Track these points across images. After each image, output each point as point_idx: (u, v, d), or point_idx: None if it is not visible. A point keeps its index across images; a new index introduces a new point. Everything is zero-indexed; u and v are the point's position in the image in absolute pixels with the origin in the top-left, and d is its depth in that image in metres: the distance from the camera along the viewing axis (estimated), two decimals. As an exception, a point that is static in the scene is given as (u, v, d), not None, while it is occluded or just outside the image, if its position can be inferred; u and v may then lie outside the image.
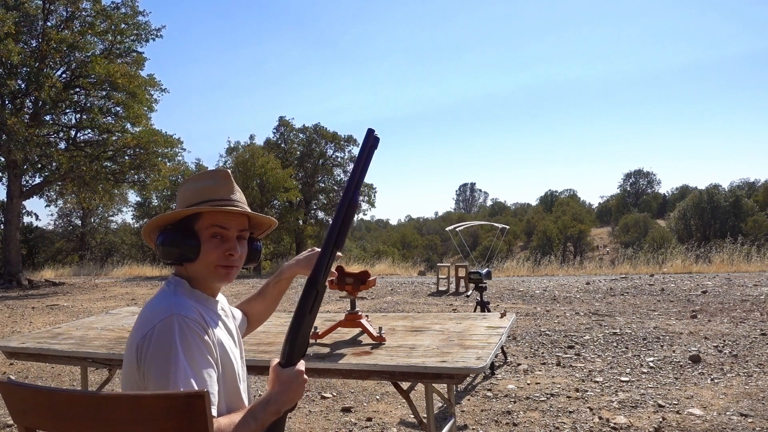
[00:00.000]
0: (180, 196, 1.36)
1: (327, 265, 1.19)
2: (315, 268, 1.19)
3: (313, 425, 3.59)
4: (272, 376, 1.19)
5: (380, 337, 2.26)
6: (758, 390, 3.89)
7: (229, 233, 1.31)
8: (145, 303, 1.33)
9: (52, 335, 2.76)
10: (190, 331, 1.17)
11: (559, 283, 11.49)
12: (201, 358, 1.16)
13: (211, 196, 1.32)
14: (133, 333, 1.23)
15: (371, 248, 36.62)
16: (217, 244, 1.29)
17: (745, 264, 12.93)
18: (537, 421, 3.48)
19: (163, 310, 1.20)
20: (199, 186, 1.34)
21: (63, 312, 9.50)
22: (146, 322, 1.20)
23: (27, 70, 14.73)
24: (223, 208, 1.30)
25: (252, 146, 24.97)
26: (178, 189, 1.39)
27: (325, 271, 1.18)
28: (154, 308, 1.23)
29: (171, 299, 1.24)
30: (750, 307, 7.30)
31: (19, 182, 15.62)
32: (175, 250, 1.28)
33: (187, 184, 1.37)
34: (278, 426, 1.18)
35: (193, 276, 1.32)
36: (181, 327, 1.16)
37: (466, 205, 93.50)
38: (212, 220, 1.29)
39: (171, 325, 1.16)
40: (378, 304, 9.35)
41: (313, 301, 1.18)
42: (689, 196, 45.30)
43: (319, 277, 1.18)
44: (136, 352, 1.17)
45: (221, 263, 1.30)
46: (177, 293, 1.28)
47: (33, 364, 5.31)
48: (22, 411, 1.06)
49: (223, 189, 1.35)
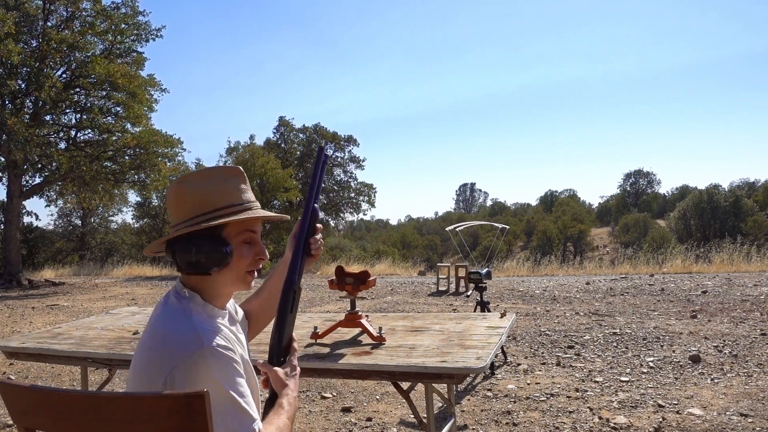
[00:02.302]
0: (192, 198, 1.23)
1: (300, 268, 1.32)
2: (289, 270, 1.30)
3: (313, 425, 3.59)
4: (274, 376, 1.22)
5: (380, 336, 2.26)
6: (758, 390, 3.89)
7: (257, 237, 1.27)
8: (153, 318, 1.23)
9: (52, 335, 2.76)
10: (225, 360, 1.11)
11: (559, 283, 11.49)
12: (241, 382, 1.13)
13: (235, 200, 1.24)
14: (152, 360, 1.13)
15: (371, 248, 36.59)
16: (248, 249, 1.25)
17: (745, 264, 12.93)
18: (537, 421, 3.48)
19: (191, 341, 1.11)
20: (213, 187, 1.24)
21: (63, 312, 9.50)
22: (171, 352, 1.11)
23: (27, 70, 14.73)
24: (262, 214, 1.26)
25: (252, 146, 24.98)
26: (182, 186, 1.24)
27: (299, 274, 1.31)
28: (175, 332, 1.14)
29: (191, 322, 1.16)
30: (750, 307, 7.30)
31: (19, 182, 15.62)
32: (206, 259, 1.19)
33: (195, 183, 1.24)
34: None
35: (210, 286, 1.23)
36: (217, 359, 1.10)
37: (466, 205, 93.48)
38: (243, 226, 1.24)
39: (206, 359, 1.09)
40: (378, 304, 9.35)
41: (292, 302, 1.28)
42: (689, 196, 45.28)
43: (294, 278, 1.29)
44: (165, 385, 1.09)
45: (251, 268, 1.26)
46: (192, 312, 1.19)
47: (33, 364, 5.31)
48: (21, 411, 1.06)
49: (246, 191, 1.29)
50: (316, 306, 9.32)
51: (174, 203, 1.24)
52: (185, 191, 1.24)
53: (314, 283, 13.17)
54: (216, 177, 1.26)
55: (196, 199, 1.23)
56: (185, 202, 1.23)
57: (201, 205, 1.22)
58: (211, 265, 1.19)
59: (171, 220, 1.26)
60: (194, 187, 1.24)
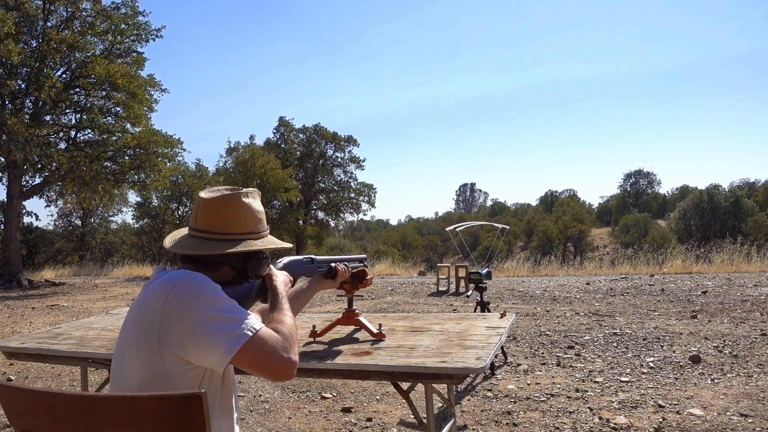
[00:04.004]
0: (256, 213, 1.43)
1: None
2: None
3: (313, 425, 3.59)
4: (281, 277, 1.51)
5: (380, 333, 2.26)
6: (758, 390, 3.89)
7: None
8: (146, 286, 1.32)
9: (52, 335, 2.76)
10: (209, 283, 1.24)
11: (559, 283, 11.49)
12: (230, 301, 1.24)
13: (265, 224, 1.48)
14: (147, 304, 1.23)
15: (371, 248, 36.60)
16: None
17: (745, 264, 12.93)
18: (537, 421, 3.47)
19: (177, 274, 1.25)
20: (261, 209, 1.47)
21: (63, 312, 9.50)
22: (162, 288, 1.22)
23: (27, 70, 14.74)
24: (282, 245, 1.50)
25: (252, 146, 24.99)
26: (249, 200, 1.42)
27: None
28: (165, 277, 1.26)
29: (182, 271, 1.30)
30: (750, 307, 7.29)
31: (19, 182, 15.62)
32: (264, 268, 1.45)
33: (258, 202, 1.46)
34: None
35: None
36: (200, 280, 1.23)
37: (466, 205, 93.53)
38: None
39: (190, 281, 1.22)
40: (378, 304, 9.35)
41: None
42: (689, 196, 45.30)
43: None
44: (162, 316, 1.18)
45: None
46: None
47: (33, 365, 5.30)
48: (18, 413, 1.06)
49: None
50: (315, 306, 9.32)
51: (241, 213, 1.39)
52: (252, 205, 1.42)
53: (314, 283, 13.16)
54: (258, 200, 1.48)
55: (255, 216, 1.42)
56: (252, 215, 1.41)
57: (260, 221, 1.44)
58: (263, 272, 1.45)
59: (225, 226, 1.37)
60: (257, 204, 1.44)
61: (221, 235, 1.35)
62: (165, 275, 1.28)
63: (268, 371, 1.19)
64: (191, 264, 1.34)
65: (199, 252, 1.32)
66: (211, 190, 1.40)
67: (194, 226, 1.38)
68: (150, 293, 1.24)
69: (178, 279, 1.22)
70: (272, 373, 1.20)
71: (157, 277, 1.32)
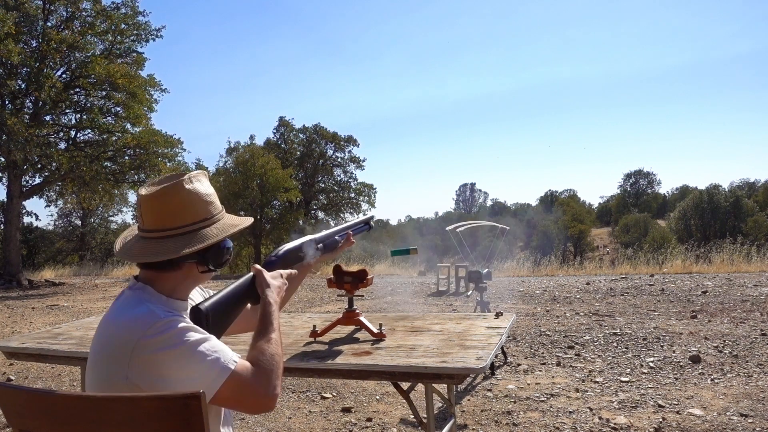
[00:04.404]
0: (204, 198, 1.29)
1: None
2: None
3: (313, 425, 3.59)
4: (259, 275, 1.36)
5: (380, 333, 2.26)
6: (758, 390, 3.89)
7: None
8: (105, 315, 1.25)
9: (52, 335, 2.76)
10: (182, 328, 1.14)
11: (559, 283, 11.49)
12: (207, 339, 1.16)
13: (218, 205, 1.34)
14: (107, 350, 1.16)
15: (371, 248, 36.62)
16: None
17: (745, 264, 12.93)
18: (537, 421, 3.47)
19: (146, 317, 1.14)
20: (212, 189, 1.34)
21: (63, 312, 9.49)
22: (127, 334, 1.13)
23: (27, 70, 14.74)
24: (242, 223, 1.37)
25: (252, 146, 24.98)
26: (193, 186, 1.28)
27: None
28: (130, 317, 1.16)
29: (145, 305, 1.18)
30: (750, 307, 7.29)
31: (19, 182, 15.62)
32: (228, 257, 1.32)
33: (205, 184, 1.31)
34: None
35: (169, 280, 1.26)
36: (174, 328, 1.13)
37: (466, 205, 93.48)
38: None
39: (163, 332, 1.12)
40: (378, 304, 9.35)
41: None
42: (689, 196, 45.30)
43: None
44: (122, 375, 1.10)
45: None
46: (146, 299, 1.21)
47: (33, 365, 5.30)
48: (17, 414, 1.06)
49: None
50: (315, 306, 9.32)
51: (188, 202, 1.26)
52: (202, 191, 1.29)
53: (314, 283, 13.17)
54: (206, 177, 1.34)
55: (204, 201, 1.28)
56: (200, 200, 1.28)
57: (211, 204, 1.30)
58: (227, 261, 1.32)
59: (173, 220, 1.25)
60: (205, 187, 1.31)
61: (172, 231, 1.23)
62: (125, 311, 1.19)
63: (245, 408, 1.15)
64: (149, 268, 1.25)
65: (152, 259, 1.22)
66: (150, 183, 1.28)
67: (142, 226, 1.27)
68: (112, 337, 1.16)
69: (142, 335, 1.11)
70: (249, 409, 1.16)
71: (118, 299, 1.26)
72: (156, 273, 1.25)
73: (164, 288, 1.26)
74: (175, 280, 1.26)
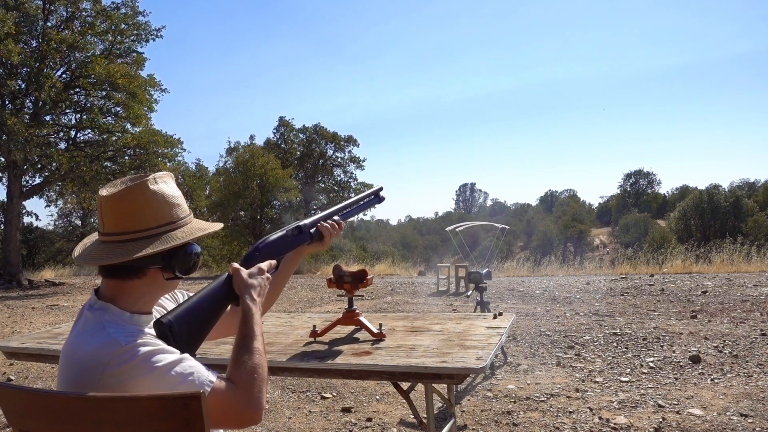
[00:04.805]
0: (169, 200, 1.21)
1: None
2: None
3: (313, 425, 3.59)
4: (236, 275, 1.26)
5: (380, 333, 2.26)
6: (758, 390, 3.89)
7: None
8: (68, 340, 1.17)
9: (52, 335, 2.76)
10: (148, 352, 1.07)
11: (559, 283, 11.49)
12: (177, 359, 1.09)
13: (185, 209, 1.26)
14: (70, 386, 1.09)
15: (371, 248, 36.60)
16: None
17: (745, 264, 12.92)
18: (537, 421, 3.47)
19: (108, 346, 1.06)
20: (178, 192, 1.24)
21: (63, 312, 9.49)
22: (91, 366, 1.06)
23: (27, 70, 14.74)
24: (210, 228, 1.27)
25: (252, 146, 24.99)
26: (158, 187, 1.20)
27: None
28: (92, 345, 1.08)
29: (106, 331, 1.10)
30: (750, 307, 7.29)
31: (19, 182, 15.62)
32: (195, 263, 1.23)
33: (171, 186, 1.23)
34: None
35: (136, 290, 1.18)
36: (140, 356, 1.06)
37: (466, 205, 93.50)
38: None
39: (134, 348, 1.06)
40: (378, 304, 9.35)
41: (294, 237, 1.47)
42: (689, 196, 45.27)
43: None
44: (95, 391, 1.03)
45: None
46: (108, 323, 1.12)
47: (33, 365, 5.30)
48: (17, 414, 1.06)
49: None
50: (315, 306, 9.32)
51: (152, 203, 1.17)
52: (164, 191, 1.20)
53: (314, 283, 13.17)
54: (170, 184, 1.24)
55: (170, 203, 1.20)
56: (165, 202, 1.19)
57: (177, 207, 1.22)
58: (195, 267, 1.23)
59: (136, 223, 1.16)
60: (171, 188, 1.22)
61: (133, 234, 1.14)
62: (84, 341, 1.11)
63: (230, 426, 1.10)
64: (112, 277, 1.17)
65: (111, 261, 1.13)
66: (112, 184, 1.18)
67: (102, 230, 1.17)
68: (75, 373, 1.09)
69: (105, 366, 1.04)
70: (234, 427, 1.11)
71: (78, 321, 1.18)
72: (118, 283, 1.17)
73: (127, 302, 1.17)
74: (138, 290, 1.18)
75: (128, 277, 1.16)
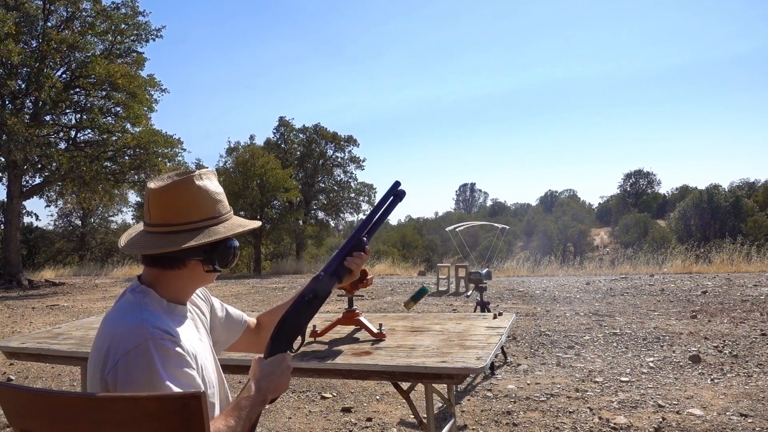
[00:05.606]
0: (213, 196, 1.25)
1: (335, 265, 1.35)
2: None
3: (313, 425, 3.59)
4: (254, 367, 1.23)
5: (380, 333, 2.26)
6: (758, 390, 3.89)
7: None
8: (105, 316, 1.23)
9: (52, 335, 2.76)
10: (168, 351, 1.09)
11: (559, 283, 11.49)
12: (186, 373, 1.11)
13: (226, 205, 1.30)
14: (98, 353, 1.13)
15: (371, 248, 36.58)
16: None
17: (745, 264, 12.92)
18: (537, 421, 3.47)
19: (136, 333, 1.09)
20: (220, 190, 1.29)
21: (63, 312, 9.49)
22: (115, 345, 1.09)
23: (27, 70, 14.74)
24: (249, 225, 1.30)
25: (252, 146, 24.95)
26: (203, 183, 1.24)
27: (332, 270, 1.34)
28: (123, 326, 1.12)
29: (141, 315, 1.14)
30: (750, 307, 7.29)
31: (19, 182, 15.63)
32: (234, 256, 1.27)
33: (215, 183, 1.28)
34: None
35: (173, 282, 1.23)
36: (160, 350, 1.09)
37: (466, 205, 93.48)
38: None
39: (149, 350, 1.07)
40: (378, 304, 9.35)
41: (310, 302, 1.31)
42: (689, 196, 45.30)
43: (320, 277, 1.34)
44: (102, 381, 1.08)
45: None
46: (145, 306, 1.18)
47: (33, 365, 5.30)
48: (18, 414, 1.06)
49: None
50: (316, 306, 9.32)
51: (197, 198, 1.22)
52: (208, 187, 1.25)
53: (314, 283, 13.15)
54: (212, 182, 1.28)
55: (213, 199, 1.25)
56: (209, 197, 1.24)
57: (220, 203, 1.26)
58: (233, 261, 1.27)
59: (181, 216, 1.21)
60: (214, 185, 1.27)
61: (178, 227, 1.19)
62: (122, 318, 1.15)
63: None
64: (154, 266, 1.22)
65: (156, 251, 1.18)
66: (159, 178, 1.24)
67: (148, 221, 1.23)
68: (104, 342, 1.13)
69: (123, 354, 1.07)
70: None
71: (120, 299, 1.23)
72: (160, 272, 1.22)
73: (166, 290, 1.22)
74: (179, 280, 1.23)
75: (170, 267, 1.21)
